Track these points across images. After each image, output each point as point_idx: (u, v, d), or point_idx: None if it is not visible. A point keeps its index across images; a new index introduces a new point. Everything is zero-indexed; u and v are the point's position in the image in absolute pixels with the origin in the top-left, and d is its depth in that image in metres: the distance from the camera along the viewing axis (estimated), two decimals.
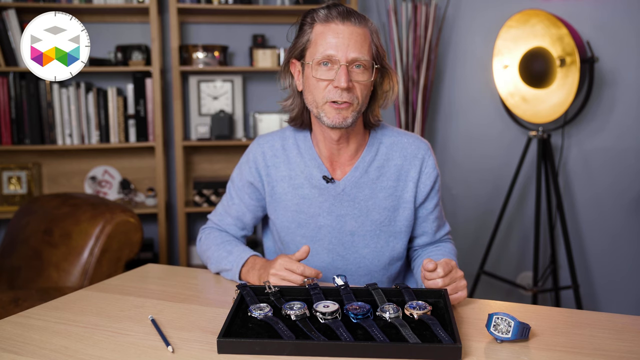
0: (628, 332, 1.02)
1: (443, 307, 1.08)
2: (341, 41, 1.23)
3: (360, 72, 1.25)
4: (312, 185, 1.38)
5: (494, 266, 3.05)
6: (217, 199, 2.89)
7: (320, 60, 1.24)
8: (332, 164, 1.39)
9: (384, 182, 1.38)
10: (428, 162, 1.40)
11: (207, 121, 2.99)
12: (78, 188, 2.99)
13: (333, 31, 1.24)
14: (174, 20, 2.77)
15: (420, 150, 1.40)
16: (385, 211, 1.38)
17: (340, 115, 1.25)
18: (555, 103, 2.65)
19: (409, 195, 1.39)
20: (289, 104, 1.39)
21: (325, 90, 1.25)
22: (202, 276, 1.39)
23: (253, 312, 1.03)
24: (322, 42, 1.24)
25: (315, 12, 1.27)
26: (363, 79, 1.26)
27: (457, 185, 3.12)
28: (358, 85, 1.25)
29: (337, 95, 1.24)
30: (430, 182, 1.40)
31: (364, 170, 1.37)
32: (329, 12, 1.25)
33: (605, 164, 2.95)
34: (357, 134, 1.36)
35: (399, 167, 1.38)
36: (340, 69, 1.22)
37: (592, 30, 2.83)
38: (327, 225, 1.38)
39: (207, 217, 1.55)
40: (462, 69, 3.07)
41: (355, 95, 1.25)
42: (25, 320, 1.08)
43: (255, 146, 1.46)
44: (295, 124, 1.41)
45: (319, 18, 1.26)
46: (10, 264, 2.17)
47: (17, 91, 2.74)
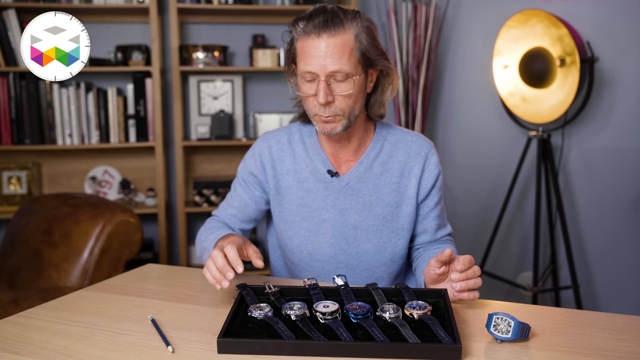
0: (628, 332, 1.02)
1: (443, 307, 1.08)
2: (317, 56, 1.22)
3: (342, 83, 1.25)
4: (316, 179, 1.39)
5: (494, 266, 3.05)
6: (217, 199, 2.89)
7: (303, 76, 1.26)
8: (336, 159, 1.41)
9: (387, 178, 1.40)
10: (431, 160, 1.41)
11: (207, 121, 2.99)
12: (78, 188, 2.99)
13: (310, 46, 1.23)
14: (174, 20, 2.77)
15: (423, 148, 1.42)
16: (389, 206, 1.39)
17: (328, 126, 1.29)
18: (555, 103, 2.65)
19: (411, 191, 1.40)
20: (297, 100, 1.41)
21: (311, 104, 1.28)
22: (202, 276, 1.39)
23: (253, 312, 1.03)
24: (302, 57, 1.25)
25: (296, 25, 1.26)
26: (345, 89, 1.25)
27: (457, 185, 3.12)
28: (340, 97, 1.26)
29: (321, 110, 1.26)
30: (432, 178, 1.41)
31: (368, 165, 1.39)
32: (305, 26, 1.23)
33: (605, 164, 2.95)
34: (358, 131, 1.38)
35: (402, 164, 1.40)
36: (320, 84, 1.23)
37: (592, 30, 2.83)
38: (330, 218, 1.39)
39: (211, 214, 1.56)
40: (462, 69, 3.07)
41: (339, 107, 1.26)
42: (25, 320, 1.08)
43: (261, 141, 1.47)
44: (305, 120, 1.44)
45: (297, 33, 1.26)
46: (10, 264, 2.17)
47: (17, 91, 2.74)
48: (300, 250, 1.42)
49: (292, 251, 1.44)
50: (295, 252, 1.43)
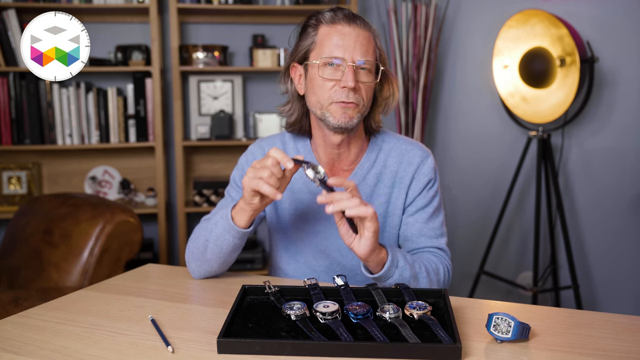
0: (628, 332, 1.02)
1: (443, 307, 1.08)
2: (348, 43, 1.24)
3: (365, 74, 1.26)
4: (309, 191, 1.37)
5: (494, 266, 3.05)
6: (217, 199, 2.88)
7: (327, 60, 1.25)
8: (331, 170, 1.38)
9: (380, 189, 1.37)
10: (422, 169, 1.36)
11: (207, 121, 2.99)
12: (78, 188, 2.99)
13: (339, 32, 1.25)
14: (174, 20, 2.77)
15: (416, 158, 1.37)
16: (380, 218, 1.36)
17: (346, 114, 1.26)
18: (555, 103, 2.65)
19: (400, 202, 1.37)
20: (287, 109, 1.38)
21: (331, 90, 1.25)
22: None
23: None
24: (328, 43, 1.25)
25: (321, 14, 1.28)
26: (368, 80, 1.27)
27: (457, 185, 3.12)
28: (363, 87, 1.26)
29: (344, 95, 1.24)
30: (421, 184, 1.36)
31: (362, 177, 1.37)
32: (334, 14, 1.26)
33: (606, 164, 2.95)
34: (358, 139, 1.36)
35: (394, 174, 1.37)
36: (347, 69, 1.23)
37: (592, 30, 2.83)
38: (323, 230, 1.37)
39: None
40: (462, 69, 3.07)
41: (361, 96, 1.26)
42: (25, 320, 1.08)
43: (256, 147, 1.45)
44: (294, 130, 1.40)
45: (324, 19, 1.27)
46: (10, 264, 2.17)
47: (17, 91, 2.74)
48: (296, 260, 1.41)
49: (287, 261, 1.43)
50: (290, 262, 1.42)
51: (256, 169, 1.13)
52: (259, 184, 1.12)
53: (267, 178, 1.12)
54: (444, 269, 1.32)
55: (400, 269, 1.18)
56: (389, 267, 1.17)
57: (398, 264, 1.18)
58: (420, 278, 1.23)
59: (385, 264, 1.17)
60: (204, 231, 1.30)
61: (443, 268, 1.32)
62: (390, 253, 1.18)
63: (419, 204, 1.36)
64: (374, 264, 1.17)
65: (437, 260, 1.32)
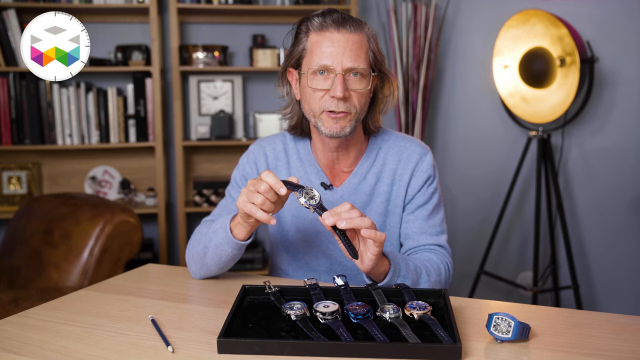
0: (628, 332, 1.02)
1: (443, 307, 1.08)
2: (336, 50, 1.21)
3: (357, 80, 1.24)
4: None
5: (494, 266, 3.05)
6: (217, 199, 2.88)
7: (316, 69, 1.23)
8: (331, 172, 1.38)
9: (380, 187, 1.37)
10: (421, 165, 1.36)
11: (207, 121, 2.99)
12: (78, 188, 2.99)
13: (328, 40, 1.22)
14: (174, 20, 2.77)
15: (415, 155, 1.37)
16: (380, 217, 1.36)
17: (337, 124, 1.24)
18: (555, 103, 2.65)
19: (399, 199, 1.37)
20: (288, 112, 1.38)
21: (321, 100, 1.24)
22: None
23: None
24: (317, 51, 1.23)
25: (310, 20, 1.25)
26: (360, 87, 1.24)
27: (457, 185, 3.12)
28: (355, 94, 1.24)
29: (334, 105, 1.22)
30: (421, 181, 1.36)
31: (362, 176, 1.37)
32: (323, 20, 1.23)
33: (606, 164, 2.95)
34: (356, 141, 1.36)
35: (393, 171, 1.37)
36: (336, 78, 1.21)
37: (592, 30, 2.83)
38: (324, 231, 1.36)
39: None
40: (462, 69, 3.07)
41: (353, 104, 1.24)
42: (25, 320, 1.08)
43: (257, 147, 1.44)
44: (296, 132, 1.40)
45: (313, 27, 1.24)
46: (10, 264, 2.17)
47: (17, 91, 2.74)
48: (297, 260, 1.41)
49: (288, 262, 1.43)
50: (291, 263, 1.42)
51: (250, 192, 1.11)
52: (252, 209, 1.10)
53: (260, 204, 1.10)
54: (445, 268, 1.32)
55: (402, 278, 1.19)
56: (391, 278, 1.17)
57: (400, 272, 1.19)
58: (421, 283, 1.24)
59: (387, 274, 1.17)
60: (203, 237, 1.29)
61: (444, 267, 1.32)
62: (392, 263, 1.17)
63: (419, 201, 1.36)
64: (375, 275, 1.17)
65: (437, 259, 1.32)
